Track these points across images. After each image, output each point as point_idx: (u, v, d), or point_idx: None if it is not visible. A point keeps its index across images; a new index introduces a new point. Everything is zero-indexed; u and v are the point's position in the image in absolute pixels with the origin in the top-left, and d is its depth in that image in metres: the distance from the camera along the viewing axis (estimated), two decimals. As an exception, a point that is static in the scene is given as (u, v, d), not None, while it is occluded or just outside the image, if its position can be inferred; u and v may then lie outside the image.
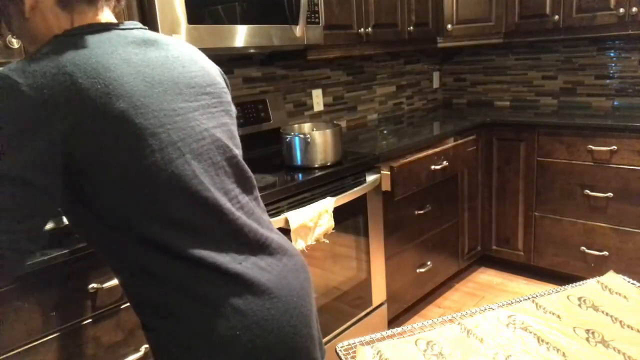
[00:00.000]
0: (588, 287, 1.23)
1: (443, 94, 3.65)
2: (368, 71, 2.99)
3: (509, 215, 2.82)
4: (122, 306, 1.28)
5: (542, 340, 1.03)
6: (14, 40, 1.25)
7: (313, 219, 1.69)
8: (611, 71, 2.85)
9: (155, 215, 0.75)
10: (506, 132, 2.73)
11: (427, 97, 3.52)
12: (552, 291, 1.22)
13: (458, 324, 1.11)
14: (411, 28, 2.64)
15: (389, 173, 2.04)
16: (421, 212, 2.39)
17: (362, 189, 1.95)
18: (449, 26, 2.86)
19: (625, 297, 1.17)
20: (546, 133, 2.58)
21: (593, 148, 2.43)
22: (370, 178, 2.01)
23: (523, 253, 2.80)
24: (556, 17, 2.64)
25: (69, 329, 1.19)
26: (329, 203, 1.77)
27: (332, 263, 1.92)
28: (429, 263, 2.49)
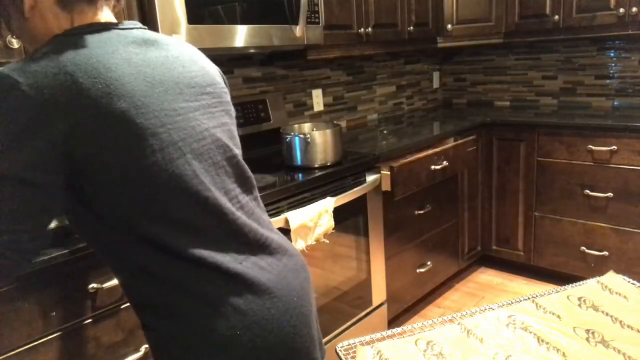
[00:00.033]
0: (588, 287, 1.23)
1: (443, 94, 3.65)
2: (368, 71, 2.99)
3: (509, 215, 2.82)
4: (122, 306, 1.28)
5: (542, 340, 1.03)
6: (14, 40, 1.25)
7: (313, 219, 1.69)
8: (611, 71, 2.85)
9: (155, 215, 0.75)
10: (506, 132, 2.73)
11: (427, 97, 3.52)
12: (552, 291, 1.22)
13: (458, 324, 1.11)
14: (411, 28, 2.64)
15: (389, 173, 2.04)
16: (421, 212, 2.39)
17: (362, 189, 1.95)
18: (449, 26, 2.86)
19: (625, 297, 1.17)
20: (546, 133, 2.58)
21: (593, 148, 2.43)
22: (370, 178, 2.01)
23: (523, 253, 2.80)
24: (556, 17, 2.64)
25: (69, 329, 1.19)
26: (329, 203, 1.77)
27: (332, 263, 1.92)
28: (429, 263, 2.49)
